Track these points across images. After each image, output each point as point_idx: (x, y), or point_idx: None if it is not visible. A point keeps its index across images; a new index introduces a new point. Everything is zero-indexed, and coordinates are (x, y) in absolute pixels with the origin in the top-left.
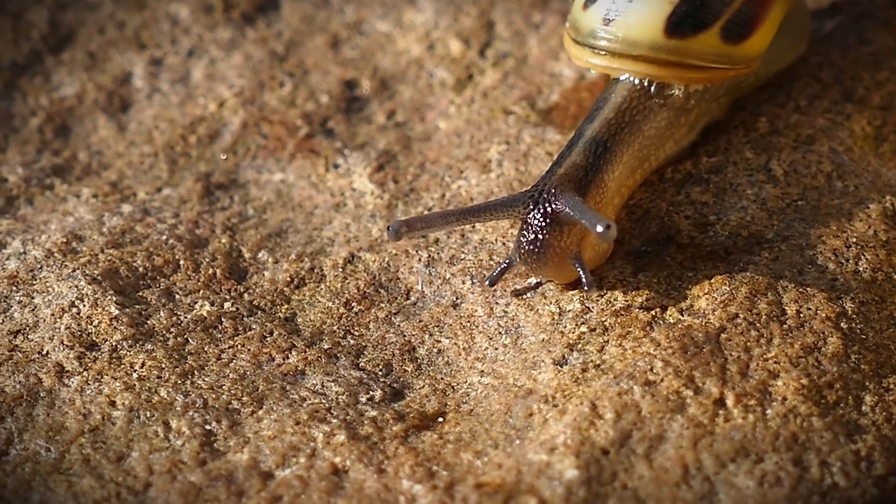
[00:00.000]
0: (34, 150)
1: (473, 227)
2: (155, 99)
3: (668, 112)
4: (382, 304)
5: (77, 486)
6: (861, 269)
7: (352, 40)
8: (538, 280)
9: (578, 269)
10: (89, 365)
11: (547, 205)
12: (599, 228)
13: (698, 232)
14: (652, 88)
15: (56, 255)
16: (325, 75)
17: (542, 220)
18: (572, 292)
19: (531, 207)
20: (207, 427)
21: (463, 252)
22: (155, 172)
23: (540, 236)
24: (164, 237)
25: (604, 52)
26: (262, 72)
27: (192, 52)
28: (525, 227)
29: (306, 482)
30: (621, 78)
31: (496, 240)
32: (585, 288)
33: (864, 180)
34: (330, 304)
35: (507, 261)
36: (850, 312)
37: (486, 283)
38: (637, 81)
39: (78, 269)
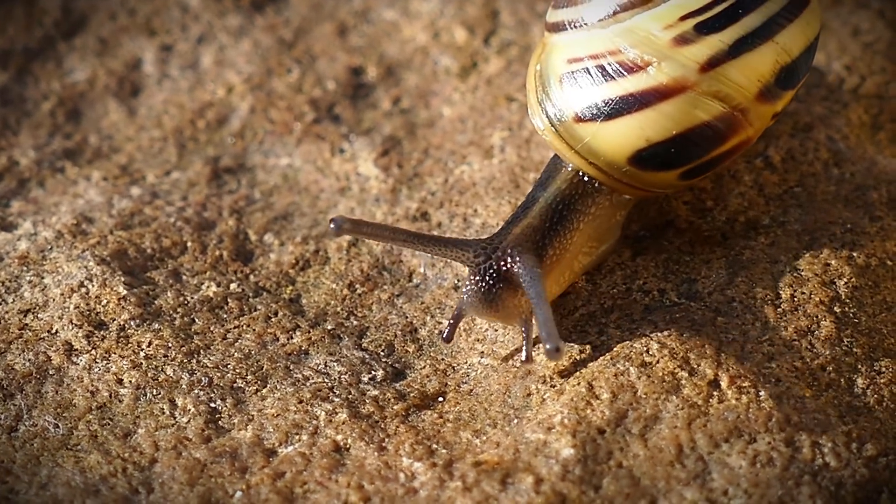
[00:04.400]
0: (46, 133)
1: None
2: (165, 84)
3: (613, 206)
4: (385, 287)
5: (84, 461)
6: (855, 254)
7: (359, 28)
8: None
9: (523, 335)
10: (97, 343)
11: (503, 262)
12: (548, 346)
13: (696, 217)
14: (597, 183)
15: (66, 236)
16: (332, 62)
17: (494, 274)
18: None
19: (482, 259)
20: (212, 405)
21: (465, 235)
22: (164, 156)
23: (494, 290)
24: (172, 219)
25: (562, 140)
26: (270, 58)
27: (202, 39)
28: (475, 277)
29: (308, 459)
30: (568, 166)
31: (497, 224)
32: (522, 359)
33: (859, 168)
34: (334, 285)
35: (457, 311)
36: (843, 297)
37: (444, 339)
38: (583, 174)
39: (87, 249)
